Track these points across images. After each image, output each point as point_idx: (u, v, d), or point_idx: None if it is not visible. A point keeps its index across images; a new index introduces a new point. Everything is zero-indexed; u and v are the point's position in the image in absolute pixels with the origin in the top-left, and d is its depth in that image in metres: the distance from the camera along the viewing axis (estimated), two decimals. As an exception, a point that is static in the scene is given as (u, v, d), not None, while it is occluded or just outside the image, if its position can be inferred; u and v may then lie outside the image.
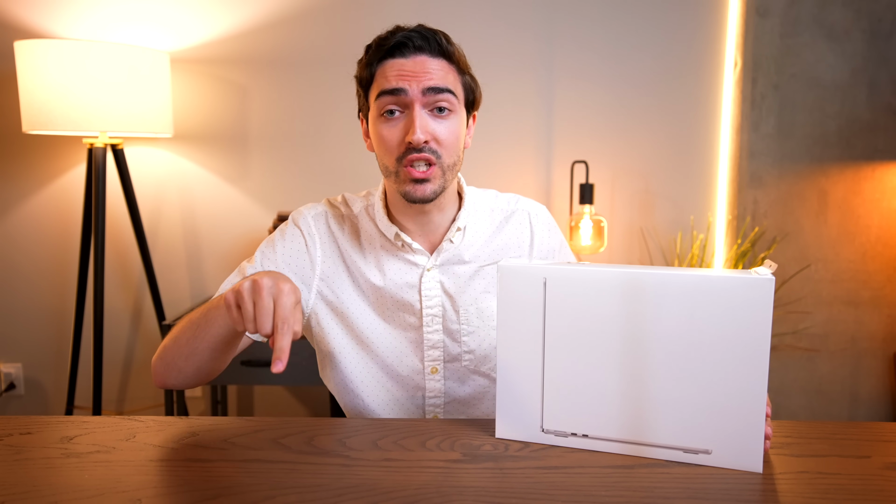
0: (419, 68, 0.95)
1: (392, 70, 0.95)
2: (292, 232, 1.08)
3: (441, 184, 0.98)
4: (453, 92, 0.97)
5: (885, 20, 2.18)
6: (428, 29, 0.97)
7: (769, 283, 0.75)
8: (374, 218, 1.07)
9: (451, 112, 0.97)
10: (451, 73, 0.98)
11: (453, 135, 0.98)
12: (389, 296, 1.06)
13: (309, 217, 1.08)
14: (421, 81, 0.94)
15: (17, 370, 2.31)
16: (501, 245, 1.10)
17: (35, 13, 2.14)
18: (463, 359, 1.07)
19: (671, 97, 2.24)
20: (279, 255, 1.06)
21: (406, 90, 0.94)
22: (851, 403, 2.34)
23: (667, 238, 2.31)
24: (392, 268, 1.06)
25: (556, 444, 0.86)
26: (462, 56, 1.00)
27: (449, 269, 1.06)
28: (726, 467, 0.79)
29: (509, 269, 0.86)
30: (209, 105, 2.22)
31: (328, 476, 0.77)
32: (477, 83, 1.04)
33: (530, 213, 1.12)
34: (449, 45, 0.97)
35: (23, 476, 0.77)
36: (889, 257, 2.28)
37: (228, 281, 1.06)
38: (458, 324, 1.06)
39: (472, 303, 1.06)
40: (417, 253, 1.05)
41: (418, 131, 0.94)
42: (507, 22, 2.21)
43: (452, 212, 1.07)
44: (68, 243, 2.26)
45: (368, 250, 1.07)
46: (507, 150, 2.27)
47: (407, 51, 0.95)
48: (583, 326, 0.83)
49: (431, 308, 1.05)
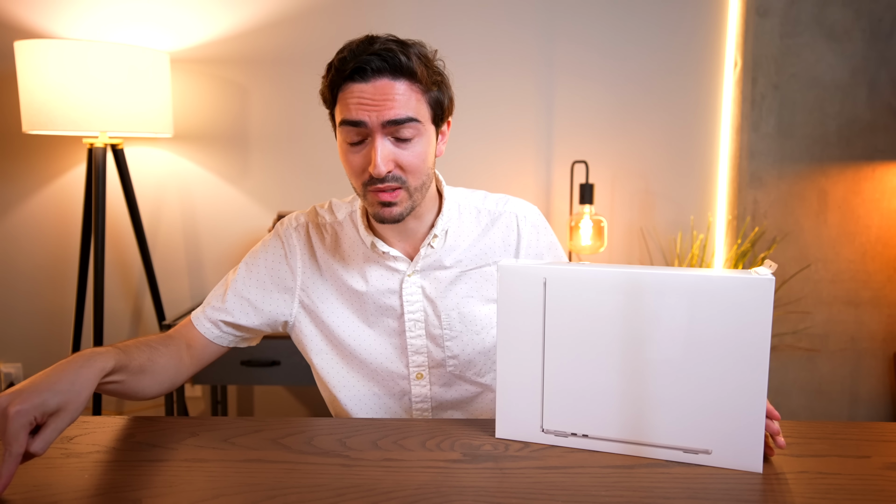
0: (379, 95, 0.90)
1: (353, 97, 0.92)
2: (274, 242, 1.10)
3: (409, 205, 0.97)
4: (416, 118, 0.93)
5: (885, 20, 2.18)
6: (389, 48, 0.91)
7: (769, 283, 0.75)
8: (357, 225, 1.08)
9: (418, 135, 0.94)
10: (413, 96, 0.93)
11: (418, 159, 0.95)
12: (372, 301, 1.06)
13: (291, 229, 1.10)
14: (381, 113, 0.90)
15: (17, 370, 2.31)
16: (486, 248, 1.08)
17: (35, 13, 2.14)
18: (447, 364, 1.07)
19: (671, 97, 2.24)
20: (261, 265, 1.09)
21: (366, 122, 0.91)
22: (851, 403, 2.34)
23: (667, 238, 2.31)
24: (374, 274, 1.06)
25: (556, 444, 0.86)
26: (427, 70, 0.94)
27: (430, 275, 1.06)
28: (726, 467, 0.79)
29: (509, 269, 0.86)
30: (209, 105, 2.22)
31: (328, 476, 0.77)
32: (446, 91, 0.99)
33: (518, 214, 1.10)
34: (409, 62, 0.91)
35: (23, 476, 0.77)
36: (889, 257, 2.28)
37: (213, 293, 1.09)
38: (441, 329, 1.06)
39: (454, 307, 1.06)
40: (398, 260, 1.05)
41: (380, 164, 0.91)
42: (508, 23, 2.21)
43: (431, 217, 1.06)
44: (68, 243, 2.26)
45: (352, 257, 1.07)
46: (507, 150, 2.27)
47: (367, 75, 0.90)
48: (583, 326, 0.83)
49: (413, 313, 1.05)
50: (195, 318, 1.07)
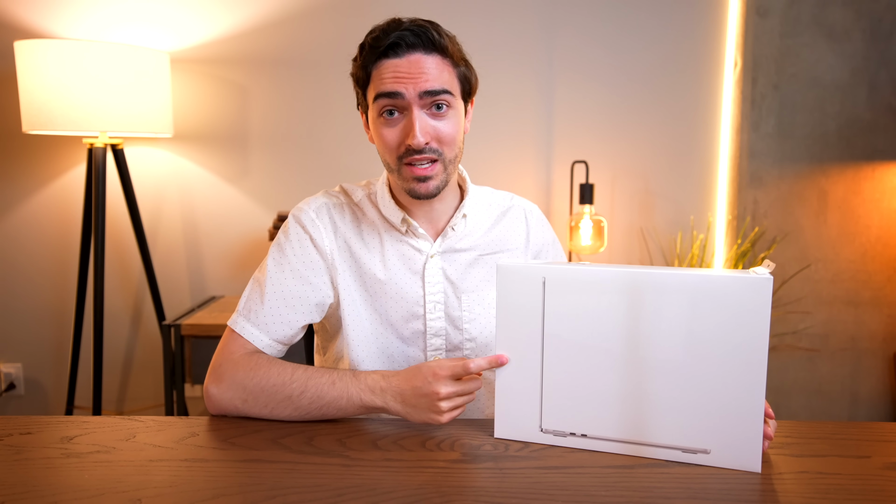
0: (414, 69, 0.94)
1: (388, 72, 0.95)
2: (296, 231, 1.06)
3: (444, 178, 1.00)
4: (450, 91, 0.97)
5: (885, 20, 2.18)
6: (420, 24, 0.96)
7: (767, 282, 0.75)
8: (378, 205, 1.07)
9: (450, 108, 0.98)
10: (446, 69, 0.97)
11: (453, 130, 0.98)
12: (393, 283, 1.05)
13: (311, 211, 1.06)
14: (417, 84, 0.94)
15: (17, 370, 2.31)
16: (499, 236, 1.12)
17: (35, 13, 2.14)
18: (464, 347, 1.07)
19: (671, 97, 2.24)
20: (291, 260, 1.04)
21: (403, 94, 0.94)
22: (851, 403, 2.34)
23: (667, 238, 2.31)
24: (395, 255, 1.06)
25: (554, 444, 0.86)
26: (456, 47, 0.99)
27: (450, 257, 1.08)
28: (725, 467, 0.79)
29: (508, 268, 0.86)
30: (209, 105, 2.22)
31: (328, 476, 0.77)
32: (472, 69, 1.03)
33: (525, 209, 1.16)
34: (441, 39, 0.96)
35: (23, 476, 0.77)
36: (889, 257, 2.28)
37: (246, 296, 1.03)
38: (461, 310, 1.07)
39: (474, 290, 1.08)
40: (422, 238, 1.06)
41: (419, 135, 0.94)
42: (508, 23, 2.21)
43: (452, 201, 1.09)
44: (68, 243, 2.26)
45: (371, 238, 1.07)
46: (507, 150, 2.27)
47: (400, 50, 0.94)
48: (581, 326, 0.83)
49: (434, 294, 1.06)
50: (251, 338, 1.01)
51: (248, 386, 0.94)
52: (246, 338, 1.00)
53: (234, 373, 0.96)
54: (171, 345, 1.93)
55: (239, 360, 0.97)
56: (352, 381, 0.93)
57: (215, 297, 2.26)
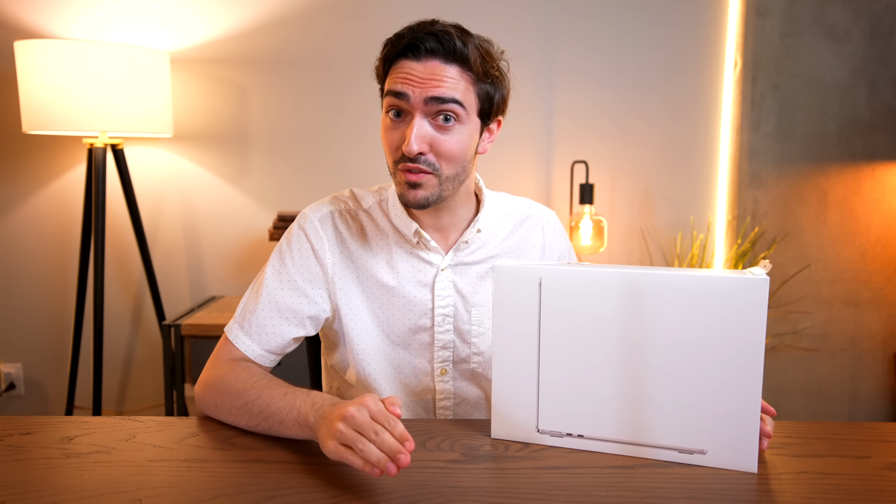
0: (428, 74, 0.91)
1: (402, 72, 0.92)
2: (298, 238, 1.04)
3: (437, 193, 0.95)
4: (460, 102, 0.92)
5: (885, 20, 2.18)
6: (446, 30, 0.91)
7: (763, 283, 0.75)
8: (390, 213, 1.05)
9: (458, 122, 0.93)
10: (463, 82, 0.92)
11: (456, 147, 0.94)
12: (401, 295, 1.04)
13: (315, 220, 1.04)
14: (426, 89, 0.90)
15: (17, 370, 2.32)
16: (514, 246, 1.10)
17: (35, 13, 2.14)
18: (471, 360, 1.06)
19: (671, 97, 2.24)
20: (290, 271, 1.02)
21: (408, 96, 0.91)
22: (851, 403, 2.34)
23: (667, 238, 2.31)
24: (405, 266, 1.04)
25: (551, 445, 0.86)
26: (482, 60, 0.93)
27: (461, 270, 1.06)
28: (721, 467, 0.79)
29: (505, 269, 0.86)
30: (209, 105, 2.22)
31: (328, 476, 0.78)
32: (500, 87, 0.97)
33: (542, 218, 1.14)
34: (465, 49, 0.91)
35: (23, 476, 0.77)
36: (889, 257, 2.28)
37: (243, 303, 1.03)
38: (470, 324, 1.05)
39: (485, 303, 1.06)
40: (433, 251, 1.04)
41: (413, 142, 0.91)
42: (508, 23, 2.21)
43: (466, 213, 1.06)
44: (68, 243, 2.26)
45: (380, 247, 1.04)
46: (507, 150, 2.27)
47: (419, 53, 0.91)
48: (578, 327, 0.83)
49: (444, 308, 1.04)
50: (241, 346, 1.01)
51: (220, 390, 0.94)
52: (236, 345, 1.00)
53: (210, 377, 0.97)
54: (170, 345, 1.93)
55: (221, 366, 0.98)
56: (302, 395, 0.85)
57: (215, 297, 2.26)
